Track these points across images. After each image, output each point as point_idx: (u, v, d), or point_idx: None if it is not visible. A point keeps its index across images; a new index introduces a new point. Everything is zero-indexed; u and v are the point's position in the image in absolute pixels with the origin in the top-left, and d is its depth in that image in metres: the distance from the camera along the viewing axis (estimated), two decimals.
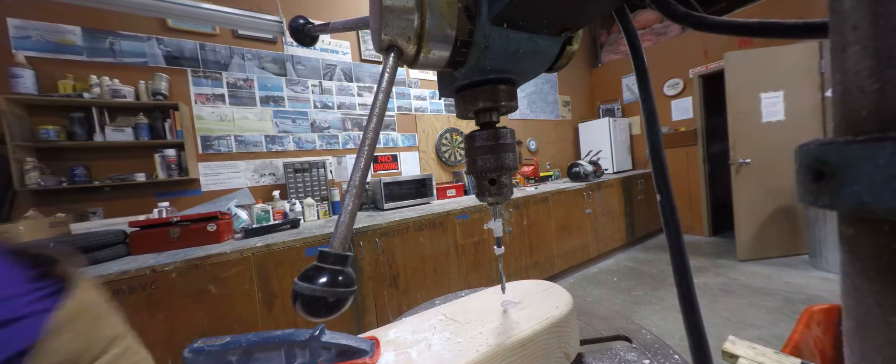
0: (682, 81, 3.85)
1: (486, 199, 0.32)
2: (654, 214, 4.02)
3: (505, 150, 0.30)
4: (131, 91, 2.00)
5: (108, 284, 1.28)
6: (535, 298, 0.39)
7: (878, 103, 0.12)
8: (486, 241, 2.41)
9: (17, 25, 1.81)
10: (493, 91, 0.29)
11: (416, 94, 3.27)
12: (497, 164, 0.30)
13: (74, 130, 1.87)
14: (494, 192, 0.31)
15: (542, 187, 3.15)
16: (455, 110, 0.33)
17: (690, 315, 0.25)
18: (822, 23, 0.19)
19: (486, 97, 0.29)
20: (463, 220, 2.31)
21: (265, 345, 0.29)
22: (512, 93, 0.30)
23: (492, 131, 0.30)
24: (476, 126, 0.32)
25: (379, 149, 3.04)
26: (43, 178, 1.78)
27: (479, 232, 2.39)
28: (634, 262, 3.33)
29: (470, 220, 2.34)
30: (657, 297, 2.48)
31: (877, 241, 0.12)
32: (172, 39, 2.20)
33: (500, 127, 0.30)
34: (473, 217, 2.34)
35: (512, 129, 0.31)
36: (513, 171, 0.31)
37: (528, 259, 2.72)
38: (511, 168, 0.31)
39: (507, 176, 0.31)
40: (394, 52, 0.25)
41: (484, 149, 0.30)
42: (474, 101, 0.29)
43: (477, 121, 0.32)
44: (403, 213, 2.20)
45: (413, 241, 2.07)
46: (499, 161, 0.30)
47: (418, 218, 2.10)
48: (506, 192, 0.31)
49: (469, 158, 0.32)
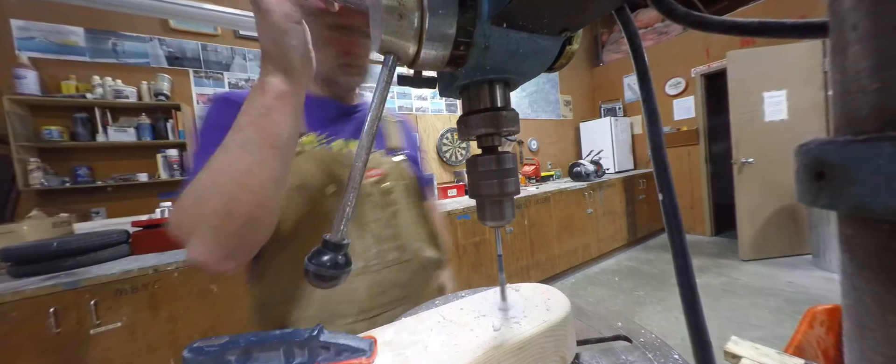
0: (683, 81, 3.84)
1: (488, 224, 0.32)
2: (655, 214, 4.01)
3: (508, 174, 0.30)
4: (134, 91, 2.01)
5: (111, 284, 1.29)
6: (533, 302, 0.39)
7: (879, 103, 0.11)
8: (487, 241, 2.41)
9: (20, 27, 1.83)
10: (495, 117, 0.29)
11: (417, 93, 3.27)
12: (500, 190, 0.30)
13: (77, 131, 1.88)
14: (497, 217, 0.31)
15: (543, 187, 3.15)
16: (457, 132, 0.33)
17: (692, 315, 0.25)
18: (822, 22, 0.18)
19: (489, 123, 0.29)
20: (464, 220, 2.31)
21: (264, 344, 0.29)
22: (514, 118, 0.30)
23: (495, 157, 0.30)
24: (478, 149, 0.32)
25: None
26: (46, 178, 1.79)
27: (480, 232, 2.39)
28: (636, 261, 3.32)
29: (471, 220, 2.34)
30: (659, 298, 2.47)
31: (876, 242, 0.12)
32: (174, 40, 2.21)
33: (503, 152, 0.30)
34: (474, 217, 2.34)
35: (513, 153, 0.31)
36: (516, 195, 0.31)
37: (529, 259, 2.72)
38: (514, 193, 0.31)
39: (509, 200, 0.31)
40: (392, 55, 0.26)
41: (487, 174, 0.30)
42: (477, 126, 0.29)
43: (479, 144, 0.32)
44: None
45: None
46: (502, 188, 0.30)
47: None
48: (508, 214, 0.31)
49: (471, 182, 0.32)
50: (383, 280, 0.62)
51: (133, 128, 2.00)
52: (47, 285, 1.19)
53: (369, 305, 0.60)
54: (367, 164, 0.27)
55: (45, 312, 1.19)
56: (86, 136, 1.89)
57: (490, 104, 0.29)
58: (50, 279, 1.25)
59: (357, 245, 0.61)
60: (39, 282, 1.22)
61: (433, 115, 3.35)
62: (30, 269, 1.30)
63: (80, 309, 1.24)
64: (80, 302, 1.24)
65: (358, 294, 0.60)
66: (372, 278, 0.61)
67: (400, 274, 0.65)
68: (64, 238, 1.40)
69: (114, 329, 1.29)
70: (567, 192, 3.01)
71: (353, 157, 0.60)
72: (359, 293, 0.60)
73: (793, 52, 2.83)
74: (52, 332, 1.19)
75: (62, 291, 1.21)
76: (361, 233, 0.62)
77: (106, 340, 1.28)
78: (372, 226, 0.63)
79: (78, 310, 1.24)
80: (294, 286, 0.57)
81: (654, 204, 3.90)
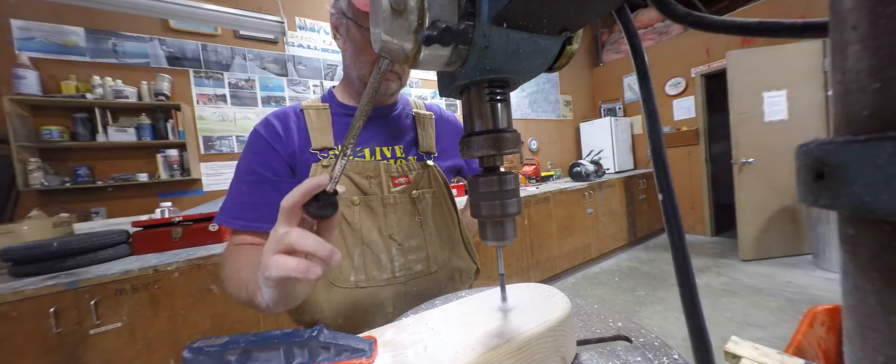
0: (683, 81, 3.83)
1: (490, 243, 0.32)
2: (655, 214, 4.00)
3: (510, 195, 0.30)
4: (134, 91, 2.01)
5: (111, 284, 1.29)
6: (533, 302, 0.39)
7: (879, 103, 0.11)
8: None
9: (20, 27, 1.83)
10: (497, 139, 0.29)
11: (417, 94, 3.27)
12: (502, 211, 0.30)
13: (77, 131, 1.88)
14: (499, 237, 0.31)
15: (543, 187, 3.15)
16: (459, 152, 0.33)
17: (693, 315, 0.25)
18: (822, 22, 0.18)
19: (491, 145, 0.29)
20: None
21: (264, 344, 0.29)
22: (515, 140, 0.30)
23: (497, 177, 0.30)
24: (480, 168, 0.32)
25: None
26: (46, 178, 1.79)
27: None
28: (636, 261, 3.32)
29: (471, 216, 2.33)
30: (659, 298, 2.47)
31: (877, 241, 0.12)
32: (174, 40, 2.21)
33: (505, 173, 0.30)
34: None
35: (516, 174, 0.31)
36: (517, 215, 0.31)
37: (529, 259, 2.71)
38: (516, 214, 0.31)
39: (511, 220, 0.31)
40: (386, 59, 0.26)
41: (488, 195, 0.30)
42: (479, 148, 0.30)
43: (480, 164, 0.32)
44: None
45: None
46: (504, 209, 0.30)
47: None
48: (510, 234, 0.32)
49: (473, 202, 0.32)
50: (409, 293, 0.61)
51: (133, 128, 2.00)
52: (47, 285, 1.19)
53: (395, 317, 0.58)
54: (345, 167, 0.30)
55: (45, 312, 1.19)
56: (86, 136, 1.89)
57: (492, 126, 0.30)
58: (50, 279, 1.25)
59: (382, 257, 0.60)
60: (39, 282, 1.22)
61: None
62: (30, 269, 1.30)
63: (80, 309, 1.24)
64: (80, 302, 1.24)
65: (384, 305, 0.59)
66: (397, 290, 0.60)
67: (427, 287, 0.63)
68: (64, 238, 1.40)
69: (114, 329, 1.29)
70: (567, 192, 3.01)
71: (387, 166, 0.62)
72: (385, 304, 0.59)
73: (793, 52, 2.83)
74: (52, 332, 1.19)
75: (62, 291, 1.21)
76: (387, 243, 0.60)
77: (106, 340, 1.28)
78: (398, 236, 0.61)
79: (78, 310, 1.24)
80: (323, 299, 0.57)
81: (654, 204, 3.90)
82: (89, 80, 1.92)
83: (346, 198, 0.58)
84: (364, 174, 0.60)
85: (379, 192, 0.61)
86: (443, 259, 0.66)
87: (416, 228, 0.63)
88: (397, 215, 0.62)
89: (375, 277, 0.59)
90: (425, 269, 0.63)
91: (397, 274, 0.60)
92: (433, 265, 0.64)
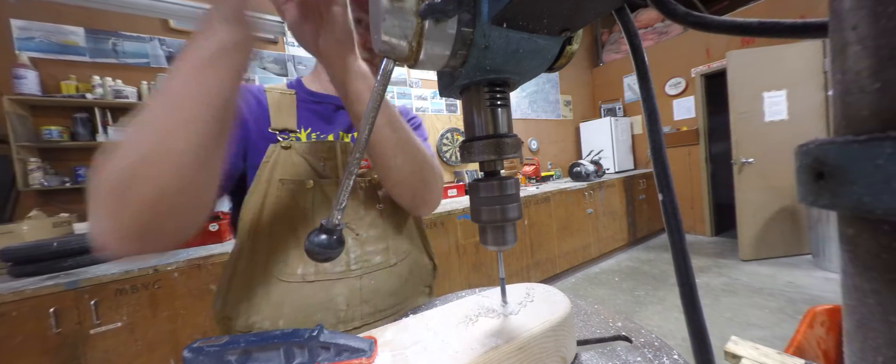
0: (683, 80, 3.83)
1: (490, 248, 0.32)
2: (655, 214, 4.00)
3: (510, 200, 0.30)
4: (134, 92, 2.01)
5: (111, 284, 1.29)
6: (533, 302, 0.39)
7: (879, 103, 0.11)
8: None
9: (20, 26, 1.82)
10: (498, 144, 0.29)
11: (417, 94, 3.27)
12: (502, 215, 0.30)
13: (77, 131, 1.88)
14: (499, 241, 0.31)
15: (543, 187, 3.15)
16: (460, 156, 0.32)
17: (693, 315, 0.25)
18: (822, 22, 0.18)
19: (491, 150, 0.29)
20: (464, 220, 2.31)
21: (264, 345, 0.29)
22: (516, 144, 0.30)
23: (497, 182, 0.30)
24: (480, 173, 0.32)
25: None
26: (46, 178, 1.79)
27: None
28: (636, 261, 3.32)
29: (472, 220, 2.33)
30: (659, 298, 2.47)
31: (877, 241, 0.12)
32: (174, 40, 2.21)
33: (506, 177, 0.30)
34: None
35: (516, 178, 0.31)
36: (517, 220, 0.31)
37: (529, 259, 2.71)
38: (516, 219, 0.31)
39: (511, 225, 0.31)
40: (390, 60, 0.26)
41: (488, 199, 0.30)
42: (480, 153, 0.29)
43: (481, 168, 0.32)
44: None
45: None
46: (504, 213, 0.30)
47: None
48: (510, 239, 0.31)
49: (473, 207, 0.31)
50: (365, 287, 0.55)
51: None
52: (47, 285, 1.19)
53: (349, 316, 0.53)
54: (360, 158, 0.28)
55: (45, 312, 1.19)
56: (86, 136, 1.89)
57: (493, 130, 0.30)
58: (50, 279, 1.25)
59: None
60: (39, 282, 1.22)
61: (433, 115, 3.35)
62: (30, 269, 1.30)
63: (80, 309, 1.24)
64: (80, 302, 1.24)
65: (335, 302, 0.52)
66: (352, 285, 0.54)
67: (386, 281, 0.57)
68: (64, 238, 1.40)
69: (114, 329, 1.29)
70: (567, 192, 3.01)
71: (344, 146, 0.57)
72: (336, 301, 0.53)
73: (793, 52, 2.83)
74: (53, 332, 1.19)
75: (62, 291, 1.21)
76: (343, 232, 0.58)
77: (106, 340, 1.28)
78: (354, 224, 0.55)
79: (78, 310, 1.24)
80: (260, 294, 0.51)
81: (654, 204, 3.90)
82: (89, 80, 1.91)
83: (299, 181, 0.53)
84: (318, 155, 0.54)
85: (335, 175, 0.55)
86: (404, 251, 0.61)
87: (375, 217, 0.58)
88: (355, 202, 0.57)
89: (326, 270, 0.53)
90: (384, 262, 0.57)
91: (353, 266, 0.54)
92: (393, 257, 0.59)
